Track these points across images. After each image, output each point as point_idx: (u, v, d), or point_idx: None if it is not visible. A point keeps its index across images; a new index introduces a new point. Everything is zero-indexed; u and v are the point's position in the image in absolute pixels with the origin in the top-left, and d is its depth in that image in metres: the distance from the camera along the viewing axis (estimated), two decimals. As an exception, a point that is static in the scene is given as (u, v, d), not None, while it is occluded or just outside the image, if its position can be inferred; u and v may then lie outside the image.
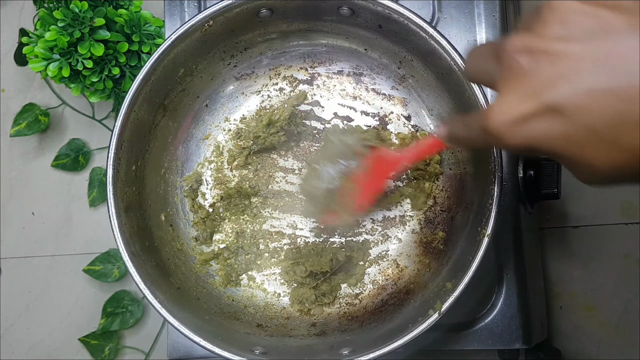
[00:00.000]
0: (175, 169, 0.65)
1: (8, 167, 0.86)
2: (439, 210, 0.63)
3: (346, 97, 0.65)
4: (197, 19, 0.56)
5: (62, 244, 0.84)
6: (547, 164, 0.64)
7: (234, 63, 0.65)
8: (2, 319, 0.84)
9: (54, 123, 0.85)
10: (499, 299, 0.63)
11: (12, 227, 0.85)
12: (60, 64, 0.68)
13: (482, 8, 0.64)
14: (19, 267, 0.85)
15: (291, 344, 0.59)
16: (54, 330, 0.83)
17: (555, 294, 0.75)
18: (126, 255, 0.54)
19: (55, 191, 0.85)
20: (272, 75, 0.66)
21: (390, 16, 0.55)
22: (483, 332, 0.63)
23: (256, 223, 0.65)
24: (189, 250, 0.64)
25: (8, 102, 0.87)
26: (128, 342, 0.81)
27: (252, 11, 0.58)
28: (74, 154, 0.83)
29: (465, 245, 0.56)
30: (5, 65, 0.87)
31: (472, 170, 0.59)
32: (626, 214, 0.75)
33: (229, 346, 0.53)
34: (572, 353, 0.74)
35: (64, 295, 0.83)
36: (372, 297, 0.63)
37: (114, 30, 0.71)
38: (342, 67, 0.65)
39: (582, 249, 0.75)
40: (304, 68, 0.66)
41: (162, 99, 0.61)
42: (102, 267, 0.80)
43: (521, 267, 0.64)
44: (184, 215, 0.65)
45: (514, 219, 0.64)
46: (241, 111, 0.66)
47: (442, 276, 0.58)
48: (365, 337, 0.57)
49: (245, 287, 0.64)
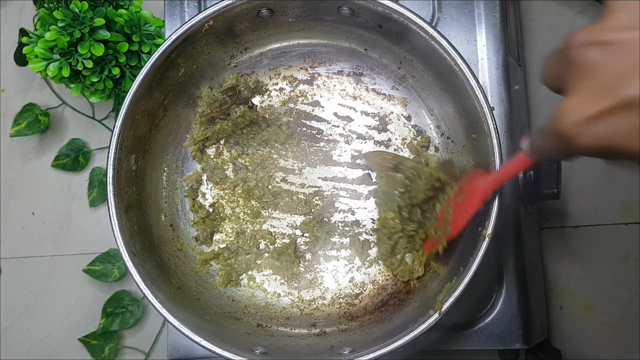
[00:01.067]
0: (176, 169, 0.65)
1: (8, 167, 0.86)
2: (439, 210, 0.63)
3: (346, 97, 0.65)
4: (197, 19, 0.56)
5: (62, 244, 0.84)
6: (547, 164, 0.64)
7: (234, 63, 0.65)
8: (2, 319, 0.84)
9: (54, 123, 0.85)
10: (499, 299, 0.63)
11: (12, 227, 0.85)
12: (60, 64, 0.68)
13: (482, 8, 0.64)
14: (19, 267, 0.85)
15: (291, 344, 0.59)
16: (54, 330, 0.83)
17: (555, 294, 0.75)
18: (126, 255, 0.54)
19: (55, 191, 0.85)
20: (272, 75, 0.66)
21: (390, 16, 0.55)
22: (483, 332, 0.63)
23: (256, 223, 0.65)
24: (189, 250, 0.64)
25: (8, 102, 0.87)
26: (128, 342, 0.81)
27: (252, 11, 0.58)
28: (74, 154, 0.83)
29: (465, 245, 0.56)
30: (5, 65, 0.87)
31: (472, 170, 0.59)
32: (626, 214, 0.75)
33: (229, 346, 0.53)
34: (572, 353, 0.74)
35: (64, 295, 0.83)
36: (372, 297, 0.63)
37: (114, 30, 0.71)
38: (342, 67, 0.65)
39: (582, 249, 0.75)
40: (304, 68, 0.66)
41: (162, 99, 0.61)
42: (102, 267, 0.80)
43: (521, 267, 0.64)
44: (184, 215, 0.65)
45: (514, 219, 0.64)
46: (241, 111, 0.66)
47: (442, 276, 0.58)
48: (365, 337, 0.57)
49: (245, 287, 0.64)
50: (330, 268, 0.64)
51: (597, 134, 0.30)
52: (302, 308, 0.63)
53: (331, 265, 0.64)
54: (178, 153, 0.66)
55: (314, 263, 0.64)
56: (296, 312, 0.63)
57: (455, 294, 0.51)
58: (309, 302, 0.64)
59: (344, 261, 0.64)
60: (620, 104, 0.29)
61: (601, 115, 0.29)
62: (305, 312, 0.63)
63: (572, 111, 0.30)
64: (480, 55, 0.64)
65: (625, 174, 0.75)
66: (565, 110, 0.31)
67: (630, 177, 0.75)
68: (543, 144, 0.37)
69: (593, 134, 0.30)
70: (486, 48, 0.64)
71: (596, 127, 0.30)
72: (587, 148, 0.31)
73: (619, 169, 0.75)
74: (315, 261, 0.64)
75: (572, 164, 0.75)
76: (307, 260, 0.65)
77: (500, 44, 0.64)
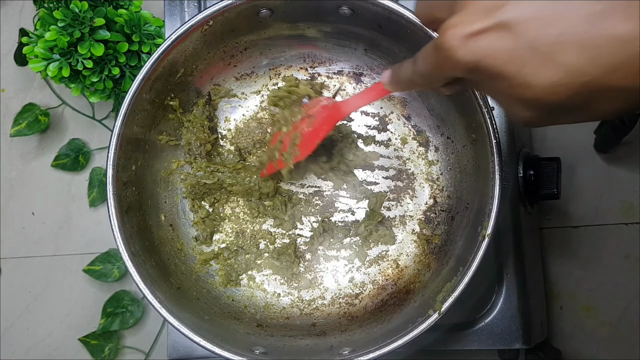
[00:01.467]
0: (176, 169, 0.65)
1: (8, 167, 0.86)
2: (439, 210, 0.63)
3: (346, 97, 0.65)
4: (197, 19, 0.56)
5: (62, 244, 0.84)
6: (547, 164, 0.64)
7: (234, 63, 0.65)
8: (2, 319, 0.84)
9: (54, 123, 0.85)
10: (499, 299, 0.63)
11: (12, 227, 0.85)
12: (60, 64, 0.68)
13: (482, 8, 0.64)
14: (19, 267, 0.85)
15: (291, 344, 0.59)
16: (54, 330, 0.83)
17: (555, 294, 0.75)
18: (126, 255, 0.54)
19: (55, 191, 0.85)
20: (272, 75, 0.66)
21: (390, 16, 0.54)
22: (483, 332, 0.63)
23: (256, 223, 0.65)
24: (189, 250, 0.64)
25: (8, 102, 0.87)
26: (128, 342, 0.81)
27: (252, 11, 0.58)
28: (74, 154, 0.83)
29: (465, 245, 0.56)
30: (5, 65, 0.87)
31: (472, 170, 0.59)
32: (626, 214, 0.75)
33: (229, 346, 0.53)
34: (572, 353, 0.74)
35: (64, 295, 0.83)
36: (372, 297, 0.63)
37: (114, 30, 0.71)
38: (342, 67, 0.65)
39: (582, 249, 0.75)
40: (304, 68, 0.66)
41: (162, 99, 0.61)
42: (102, 267, 0.80)
43: (521, 267, 0.64)
44: (184, 215, 0.65)
45: (514, 219, 0.64)
46: (241, 111, 0.66)
47: (442, 276, 0.58)
48: (365, 337, 0.57)
49: (245, 287, 0.64)
50: (330, 268, 0.64)
51: (473, 49, 0.33)
52: (302, 308, 0.64)
53: (331, 265, 0.64)
54: (178, 153, 0.66)
55: (313, 263, 0.64)
56: (296, 312, 0.63)
57: (455, 294, 0.51)
58: (309, 302, 0.64)
59: (344, 261, 0.64)
60: (498, 24, 0.32)
61: (481, 32, 0.33)
62: (305, 312, 0.63)
63: (457, 27, 0.34)
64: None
65: (625, 174, 0.75)
66: (450, 25, 0.34)
67: (630, 177, 0.75)
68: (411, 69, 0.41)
69: (469, 49, 0.33)
70: (486, 48, 0.64)
71: (474, 43, 0.33)
72: (462, 62, 0.34)
73: (619, 169, 0.75)
74: (315, 261, 0.64)
75: (572, 164, 0.75)
76: (307, 260, 0.65)
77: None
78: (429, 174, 0.64)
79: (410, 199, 0.64)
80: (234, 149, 0.66)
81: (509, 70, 0.33)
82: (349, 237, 0.64)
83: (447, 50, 0.34)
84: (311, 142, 0.56)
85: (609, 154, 0.75)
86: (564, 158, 0.66)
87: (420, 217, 0.63)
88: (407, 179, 0.64)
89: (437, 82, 0.40)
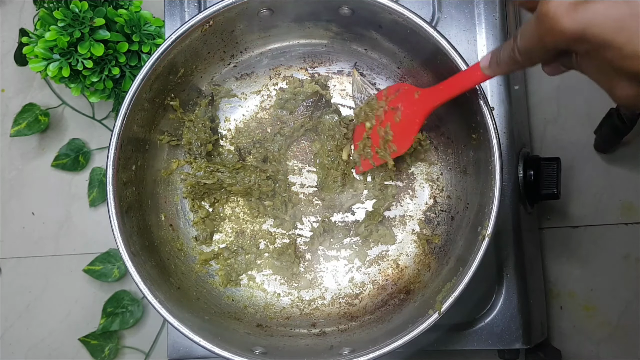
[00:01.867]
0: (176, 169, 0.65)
1: (8, 167, 0.86)
2: (439, 210, 0.63)
3: (346, 97, 0.65)
4: (197, 19, 0.56)
5: (62, 244, 0.84)
6: (547, 164, 0.64)
7: (234, 63, 0.65)
8: (2, 319, 0.84)
9: (54, 123, 0.85)
10: (499, 299, 0.63)
11: (12, 227, 0.85)
12: (60, 64, 0.68)
13: (482, 8, 0.64)
14: (19, 267, 0.85)
15: (291, 344, 0.59)
16: (54, 330, 0.83)
17: (555, 294, 0.75)
18: (126, 255, 0.55)
19: (55, 191, 0.85)
20: (272, 75, 0.66)
21: (390, 16, 0.54)
22: (483, 332, 0.63)
23: (256, 223, 0.65)
24: (189, 250, 0.64)
25: (8, 102, 0.87)
26: (128, 342, 0.81)
27: (252, 11, 0.58)
28: (74, 154, 0.83)
29: (465, 245, 0.56)
30: (5, 65, 0.87)
31: (472, 170, 0.59)
32: (626, 214, 0.75)
33: (229, 346, 0.53)
34: (572, 353, 0.74)
35: (64, 295, 0.83)
36: (372, 297, 0.63)
37: (114, 30, 0.71)
38: (342, 67, 0.65)
39: (582, 249, 0.75)
40: (304, 68, 0.66)
41: (162, 99, 0.61)
42: (102, 267, 0.80)
43: (521, 267, 0.64)
44: (184, 215, 0.65)
45: (514, 219, 0.64)
46: (241, 111, 0.66)
47: (442, 276, 0.58)
48: (365, 337, 0.57)
49: (245, 287, 0.64)
50: (330, 268, 0.64)
51: (579, 17, 0.31)
52: (302, 308, 0.64)
53: (331, 265, 0.64)
54: (178, 153, 0.66)
55: (313, 263, 0.64)
56: (296, 312, 0.63)
57: (455, 293, 0.51)
58: (309, 302, 0.64)
59: (344, 261, 0.64)
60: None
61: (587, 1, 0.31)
62: (305, 312, 0.63)
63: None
64: (480, 55, 0.64)
65: (625, 174, 0.75)
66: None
67: (630, 177, 0.75)
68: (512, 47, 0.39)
69: (575, 17, 0.31)
70: (486, 48, 0.64)
71: (581, 11, 0.31)
72: (567, 32, 0.32)
73: (619, 169, 0.75)
74: (315, 261, 0.64)
75: (572, 164, 0.75)
76: (307, 260, 0.65)
77: (500, 43, 0.64)
78: (428, 174, 0.64)
79: (410, 199, 0.64)
80: (233, 149, 0.66)
81: (619, 39, 0.31)
82: (349, 237, 0.64)
83: (552, 19, 0.33)
84: (407, 137, 0.56)
85: (609, 154, 0.75)
86: (564, 158, 0.66)
87: (420, 217, 0.63)
88: (407, 179, 0.64)
89: (539, 56, 0.38)
